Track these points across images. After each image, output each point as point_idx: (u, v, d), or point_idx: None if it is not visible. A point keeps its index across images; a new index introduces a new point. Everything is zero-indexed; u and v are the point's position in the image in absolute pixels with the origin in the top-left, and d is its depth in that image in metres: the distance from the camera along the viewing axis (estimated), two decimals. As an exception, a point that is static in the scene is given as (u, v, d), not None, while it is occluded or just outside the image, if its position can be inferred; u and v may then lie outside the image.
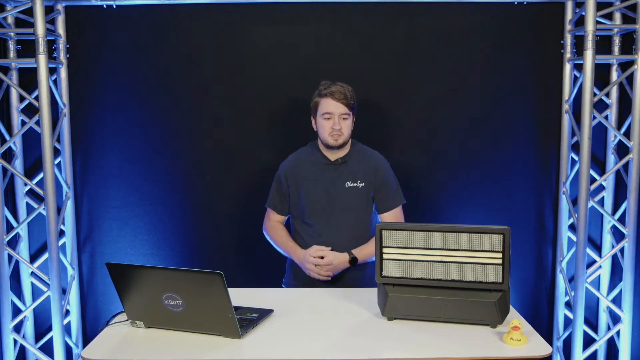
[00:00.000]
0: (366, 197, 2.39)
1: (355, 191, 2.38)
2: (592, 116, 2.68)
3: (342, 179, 2.39)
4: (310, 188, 2.40)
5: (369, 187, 2.39)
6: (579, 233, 2.74)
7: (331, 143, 2.36)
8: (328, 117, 2.34)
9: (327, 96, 2.33)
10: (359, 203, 2.39)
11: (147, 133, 2.97)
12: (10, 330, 2.86)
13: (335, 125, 2.33)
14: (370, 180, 2.39)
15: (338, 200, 2.38)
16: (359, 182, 2.38)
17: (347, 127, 2.36)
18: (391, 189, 2.43)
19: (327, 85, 2.36)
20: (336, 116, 2.33)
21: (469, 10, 2.90)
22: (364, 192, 2.39)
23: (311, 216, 2.40)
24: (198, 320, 1.72)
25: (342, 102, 2.32)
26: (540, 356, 1.61)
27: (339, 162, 2.40)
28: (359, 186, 2.38)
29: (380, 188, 2.40)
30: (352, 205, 2.39)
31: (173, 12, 2.88)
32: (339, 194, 2.38)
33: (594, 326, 3.06)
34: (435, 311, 1.79)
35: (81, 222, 3.02)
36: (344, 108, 2.33)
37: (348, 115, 2.35)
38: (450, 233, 1.76)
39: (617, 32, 2.86)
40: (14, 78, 2.87)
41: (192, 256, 3.03)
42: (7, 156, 2.90)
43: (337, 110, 2.33)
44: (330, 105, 2.33)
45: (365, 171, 2.40)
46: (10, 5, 2.74)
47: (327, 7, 2.89)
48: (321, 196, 2.38)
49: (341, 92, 2.32)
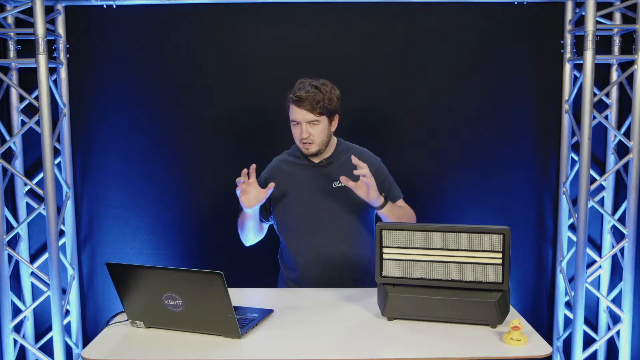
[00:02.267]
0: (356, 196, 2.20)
1: (345, 191, 2.20)
2: (592, 116, 2.68)
3: (329, 180, 2.27)
4: (295, 192, 2.29)
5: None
6: (579, 233, 2.74)
7: (303, 151, 2.23)
8: (296, 124, 2.20)
9: (293, 103, 2.18)
10: (349, 202, 2.26)
11: (147, 133, 2.97)
12: (10, 330, 2.86)
13: (302, 133, 2.18)
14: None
15: (326, 202, 2.26)
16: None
17: (318, 132, 2.19)
18: (391, 181, 2.33)
19: (298, 89, 2.18)
20: (303, 124, 2.17)
21: (469, 10, 2.90)
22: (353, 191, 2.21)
23: (299, 221, 2.29)
24: (198, 320, 1.72)
25: (307, 109, 2.15)
26: (540, 356, 1.61)
27: (323, 164, 2.28)
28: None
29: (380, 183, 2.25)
30: (342, 205, 2.26)
31: (173, 12, 2.88)
32: (327, 196, 2.26)
33: (594, 326, 3.06)
34: (435, 311, 1.78)
35: (81, 222, 3.02)
36: (311, 115, 2.16)
37: (318, 122, 2.18)
38: (450, 233, 1.76)
39: (617, 32, 2.86)
40: (14, 78, 2.87)
41: (192, 256, 3.03)
42: (7, 156, 2.90)
43: (305, 118, 2.17)
44: (297, 113, 2.17)
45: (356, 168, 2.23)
46: (10, 5, 2.74)
47: (327, 7, 2.89)
48: (307, 200, 2.27)
49: (309, 97, 2.14)
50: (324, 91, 2.18)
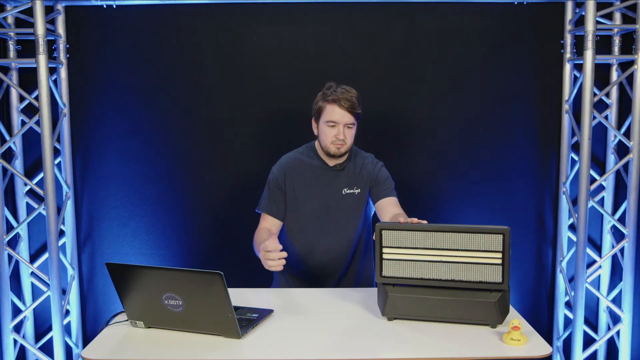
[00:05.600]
0: (361, 203, 2.31)
1: (352, 198, 2.28)
2: (592, 116, 2.68)
3: (340, 186, 2.29)
4: (306, 194, 2.30)
5: (364, 192, 2.31)
6: (579, 233, 2.74)
7: (332, 152, 2.22)
8: (332, 125, 2.18)
9: (333, 103, 2.16)
10: (354, 210, 2.30)
11: (147, 133, 2.97)
12: (10, 330, 2.86)
13: (339, 134, 2.18)
14: (367, 183, 2.30)
15: (334, 208, 2.28)
16: (356, 189, 2.29)
17: (351, 136, 2.22)
18: (390, 181, 2.34)
19: (334, 90, 2.19)
20: (341, 125, 2.17)
21: (469, 10, 2.90)
22: (359, 198, 2.30)
23: (305, 223, 2.31)
24: (198, 320, 1.72)
25: (348, 110, 2.16)
26: (540, 356, 1.61)
27: (337, 169, 2.30)
28: (355, 192, 2.29)
29: (381, 182, 2.30)
30: (347, 212, 2.29)
31: (173, 12, 2.88)
32: (336, 201, 2.28)
33: (594, 326, 3.06)
34: (435, 311, 1.78)
35: (81, 222, 3.02)
36: (350, 117, 2.17)
37: (353, 125, 2.21)
38: (450, 233, 1.76)
39: (617, 32, 2.86)
40: (14, 78, 2.87)
41: (192, 256, 3.03)
42: (7, 156, 2.90)
43: (343, 120, 2.17)
44: (336, 113, 2.17)
45: (363, 175, 2.30)
46: (10, 5, 2.74)
47: (327, 7, 2.89)
48: (316, 203, 2.28)
49: (348, 99, 2.15)
50: (357, 96, 2.21)
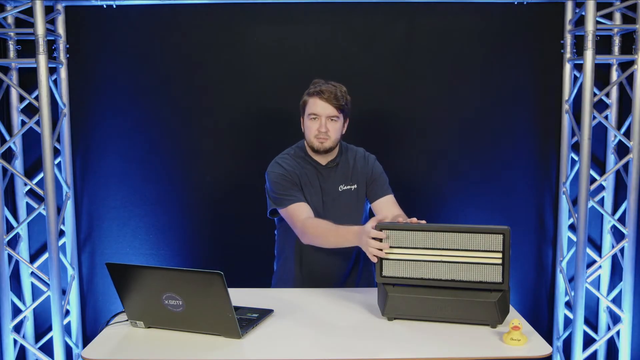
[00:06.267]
0: (359, 198, 2.31)
1: (349, 194, 2.29)
2: (592, 116, 2.68)
3: (336, 183, 2.29)
4: (306, 193, 2.27)
5: (361, 188, 2.31)
6: (579, 233, 2.74)
7: (316, 146, 2.20)
8: (314, 118, 2.18)
9: (315, 96, 2.17)
10: (352, 206, 2.30)
11: (147, 133, 2.97)
12: (10, 330, 2.86)
13: (321, 127, 2.17)
14: (363, 179, 2.31)
15: (332, 205, 2.28)
16: (352, 185, 2.29)
17: (335, 130, 2.19)
18: (385, 178, 2.34)
19: (318, 84, 2.21)
20: (323, 117, 2.16)
21: (469, 10, 2.90)
22: (356, 194, 2.30)
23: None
24: (198, 320, 1.71)
25: (330, 102, 2.15)
26: (540, 356, 1.61)
27: (331, 166, 2.29)
28: (352, 188, 2.29)
29: (377, 179, 2.31)
30: (345, 208, 2.29)
31: (173, 12, 2.88)
32: (333, 198, 2.28)
33: (594, 326, 3.06)
34: (435, 311, 1.78)
35: (81, 222, 3.02)
36: (333, 110, 2.16)
37: (337, 118, 2.19)
38: (450, 233, 1.76)
39: (617, 32, 2.86)
40: (14, 78, 2.87)
41: (192, 256, 3.03)
42: (7, 156, 2.90)
43: (324, 112, 2.16)
44: (318, 105, 2.16)
45: (359, 171, 2.30)
46: (10, 5, 2.74)
47: (327, 7, 2.89)
48: (315, 202, 2.26)
49: (331, 91, 2.16)
50: (342, 90, 2.23)
